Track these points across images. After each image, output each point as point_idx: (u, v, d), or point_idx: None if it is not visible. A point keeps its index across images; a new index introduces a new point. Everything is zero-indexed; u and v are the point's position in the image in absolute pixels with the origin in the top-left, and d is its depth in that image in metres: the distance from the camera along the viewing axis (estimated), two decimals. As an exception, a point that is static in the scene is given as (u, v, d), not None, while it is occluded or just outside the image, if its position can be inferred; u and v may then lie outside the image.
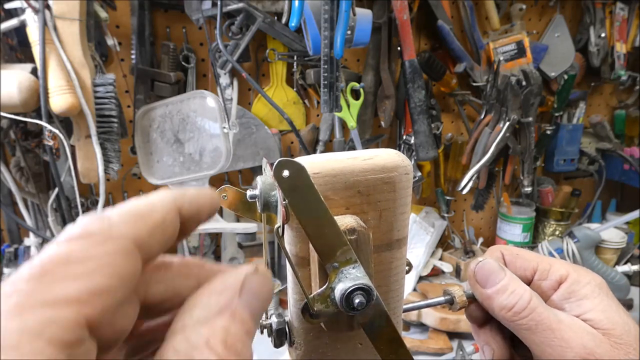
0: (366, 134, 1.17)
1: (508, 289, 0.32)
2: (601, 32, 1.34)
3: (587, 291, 0.31)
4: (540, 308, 0.31)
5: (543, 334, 0.30)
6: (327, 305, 0.26)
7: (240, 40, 0.97)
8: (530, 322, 0.30)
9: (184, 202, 0.19)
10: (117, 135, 0.89)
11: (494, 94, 1.16)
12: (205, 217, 0.21)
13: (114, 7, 0.96)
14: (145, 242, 0.17)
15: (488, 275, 0.33)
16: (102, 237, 0.16)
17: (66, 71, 0.79)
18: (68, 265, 0.15)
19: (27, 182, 0.95)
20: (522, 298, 0.31)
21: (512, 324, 0.31)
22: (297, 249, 0.28)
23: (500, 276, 0.32)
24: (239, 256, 1.16)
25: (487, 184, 1.27)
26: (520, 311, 0.30)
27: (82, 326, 0.14)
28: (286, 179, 0.24)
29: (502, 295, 0.32)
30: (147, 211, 0.18)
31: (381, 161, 0.28)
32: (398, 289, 0.31)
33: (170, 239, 0.19)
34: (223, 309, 0.18)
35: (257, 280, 0.19)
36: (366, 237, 0.26)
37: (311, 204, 0.25)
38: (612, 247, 1.24)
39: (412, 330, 1.06)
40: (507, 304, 0.31)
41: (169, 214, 0.19)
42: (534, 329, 0.30)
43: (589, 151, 1.46)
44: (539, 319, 0.30)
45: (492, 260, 0.34)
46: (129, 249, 0.16)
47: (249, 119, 1.09)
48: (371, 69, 1.14)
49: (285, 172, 0.24)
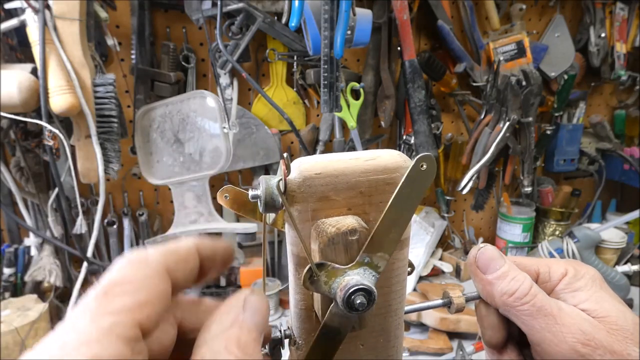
0: (366, 134, 1.17)
1: (509, 275, 0.32)
2: (601, 32, 1.34)
3: (581, 283, 0.32)
4: (541, 295, 0.31)
5: (544, 319, 0.30)
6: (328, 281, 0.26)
7: (240, 40, 0.97)
8: (531, 308, 0.31)
9: (203, 245, 0.26)
10: (117, 135, 0.89)
11: (494, 94, 1.16)
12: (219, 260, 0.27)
13: (114, 7, 0.96)
14: (173, 269, 0.23)
15: (489, 262, 0.33)
16: (143, 264, 0.22)
17: (66, 71, 0.79)
18: (121, 286, 0.21)
19: (27, 182, 0.95)
20: (524, 284, 0.32)
21: (513, 309, 0.31)
22: (298, 249, 0.28)
23: (501, 262, 0.33)
24: (239, 256, 1.16)
25: (487, 184, 1.27)
26: (522, 296, 0.31)
27: (137, 327, 0.20)
28: (419, 171, 0.27)
29: (503, 281, 0.32)
30: (174, 248, 0.24)
31: (383, 162, 0.28)
32: (400, 290, 0.31)
33: (192, 273, 0.25)
34: (233, 323, 0.23)
35: (255, 298, 0.25)
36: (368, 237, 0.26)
37: (412, 198, 0.27)
38: (612, 247, 1.24)
39: (412, 330, 1.06)
40: (509, 289, 0.32)
41: (190, 251, 0.25)
42: (535, 314, 0.30)
43: (589, 151, 1.46)
44: (540, 305, 0.31)
45: (493, 247, 0.34)
46: (161, 273, 0.22)
47: (249, 119, 1.09)
48: (371, 69, 1.14)
49: (424, 166, 0.27)
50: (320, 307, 0.28)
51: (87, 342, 0.18)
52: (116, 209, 1.10)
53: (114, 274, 0.21)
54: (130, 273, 0.22)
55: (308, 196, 0.26)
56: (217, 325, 0.23)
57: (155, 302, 0.21)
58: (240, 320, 0.23)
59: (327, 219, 0.27)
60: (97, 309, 0.20)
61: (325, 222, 0.27)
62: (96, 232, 0.92)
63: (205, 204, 1.01)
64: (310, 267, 0.26)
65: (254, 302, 0.25)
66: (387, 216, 0.27)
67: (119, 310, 0.20)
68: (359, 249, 0.26)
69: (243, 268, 1.13)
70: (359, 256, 0.26)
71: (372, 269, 0.27)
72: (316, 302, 0.29)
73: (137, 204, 1.12)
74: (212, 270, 0.26)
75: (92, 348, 0.18)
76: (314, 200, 0.27)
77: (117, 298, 0.20)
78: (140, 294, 0.21)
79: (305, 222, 0.27)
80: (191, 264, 0.25)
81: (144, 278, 0.21)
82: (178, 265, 0.24)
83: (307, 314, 0.30)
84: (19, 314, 0.86)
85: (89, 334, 0.19)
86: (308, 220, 0.27)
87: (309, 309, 0.30)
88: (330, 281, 0.26)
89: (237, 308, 0.24)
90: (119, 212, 1.09)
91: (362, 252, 0.26)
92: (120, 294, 0.20)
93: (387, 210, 0.27)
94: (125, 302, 0.20)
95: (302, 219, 0.27)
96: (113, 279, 0.21)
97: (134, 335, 0.20)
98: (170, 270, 0.23)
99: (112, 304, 0.20)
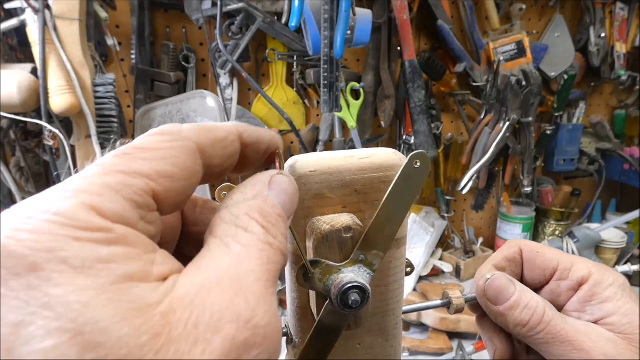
0: (366, 134, 1.17)
1: (520, 304, 0.31)
2: (601, 32, 1.34)
3: (609, 293, 0.30)
4: (556, 320, 0.30)
5: (561, 346, 0.29)
6: (322, 277, 0.26)
7: (240, 40, 0.97)
8: (547, 336, 0.29)
9: (245, 130, 0.23)
10: (117, 135, 0.89)
11: (494, 94, 1.16)
12: (263, 148, 0.24)
13: (114, 7, 0.96)
14: (207, 150, 0.20)
15: (499, 292, 0.32)
16: (173, 136, 0.20)
17: (66, 71, 0.80)
18: (144, 151, 0.19)
19: (27, 182, 0.95)
20: (536, 312, 0.30)
21: (529, 339, 0.30)
22: (293, 247, 0.28)
23: (511, 291, 0.32)
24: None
25: (487, 184, 1.27)
26: (535, 326, 0.30)
27: (149, 195, 0.18)
28: (413, 169, 0.27)
29: (516, 311, 0.31)
30: (212, 127, 0.21)
31: (378, 160, 0.28)
32: (397, 289, 0.31)
33: (230, 158, 0.22)
34: (257, 195, 0.21)
35: (283, 179, 0.22)
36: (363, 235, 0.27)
37: (406, 196, 0.27)
38: (612, 247, 1.24)
39: (412, 330, 1.06)
40: (522, 320, 0.30)
41: (230, 134, 0.22)
42: (552, 342, 0.29)
43: (589, 151, 1.46)
44: (555, 332, 0.29)
45: (501, 275, 0.33)
46: (192, 149, 0.20)
47: (249, 119, 1.09)
48: (371, 69, 1.14)
49: (418, 163, 0.27)
50: (315, 304, 0.28)
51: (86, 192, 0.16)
52: (116, 209, 1.10)
53: (140, 140, 0.20)
54: (157, 141, 0.19)
55: (303, 194, 0.26)
56: (239, 194, 0.21)
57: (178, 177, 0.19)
58: (265, 194, 0.21)
59: (322, 216, 0.27)
60: (111, 166, 0.18)
61: (320, 219, 0.27)
62: (96, 232, 0.92)
63: (205, 204, 1.01)
64: (303, 264, 0.26)
65: (282, 182, 0.22)
66: (380, 214, 0.27)
67: (134, 172, 0.18)
68: (354, 246, 0.26)
69: (243, 268, 1.13)
70: (354, 254, 0.27)
71: (366, 267, 0.27)
72: (312, 299, 0.29)
73: (137, 203, 1.12)
74: (255, 160, 0.24)
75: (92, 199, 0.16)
76: (308, 198, 0.27)
77: (135, 161, 0.18)
78: (161, 163, 0.18)
79: (299, 219, 0.27)
80: (230, 149, 0.22)
81: (170, 149, 0.19)
82: (215, 147, 0.21)
83: (303, 312, 0.30)
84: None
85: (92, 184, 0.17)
86: (303, 218, 0.27)
87: (305, 306, 0.30)
88: (324, 279, 0.26)
89: (263, 183, 0.22)
90: (119, 212, 1.09)
91: (357, 250, 0.26)
92: (140, 159, 0.18)
93: (381, 207, 0.27)
94: (143, 166, 0.18)
95: (296, 216, 0.27)
96: (137, 144, 0.19)
97: (144, 202, 0.18)
98: (204, 150, 0.20)
99: (128, 165, 0.18)
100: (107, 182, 0.17)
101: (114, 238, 0.16)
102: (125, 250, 0.16)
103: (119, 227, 0.16)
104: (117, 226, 0.16)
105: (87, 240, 0.15)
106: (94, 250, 0.15)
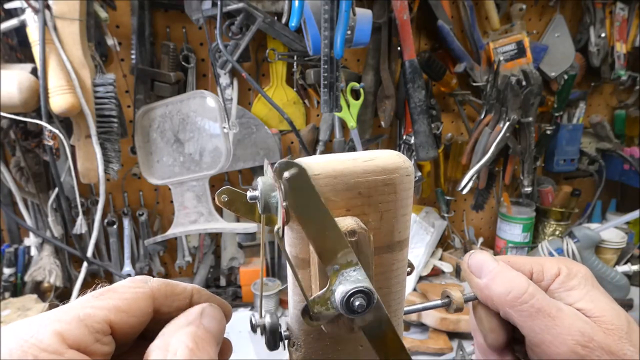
0: (366, 134, 1.17)
1: (503, 274, 0.32)
2: (601, 32, 1.34)
3: (575, 282, 0.32)
4: (540, 295, 0.31)
5: (543, 321, 0.30)
6: (327, 307, 0.26)
7: (240, 40, 0.96)
8: (530, 309, 0.30)
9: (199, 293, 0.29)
10: (117, 135, 0.89)
11: (494, 94, 1.16)
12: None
13: (114, 7, 0.96)
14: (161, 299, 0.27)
15: (481, 265, 0.34)
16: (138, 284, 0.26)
17: (66, 71, 0.79)
18: (113, 292, 0.25)
19: (27, 182, 0.95)
20: (519, 283, 0.31)
21: (512, 310, 0.31)
22: (297, 250, 0.28)
23: (493, 264, 0.33)
24: (239, 256, 1.16)
25: (487, 184, 1.27)
26: (519, 296, 0.31)
27: (107, 323, 0.23)
28: (287, 180, 0.24)
29: (498, 281, 0.32)
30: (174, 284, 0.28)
31: (382, 162, 0.27)
32: (399, 291, 0.31)
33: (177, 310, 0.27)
34: (190, 323, 0.25)
35: (213, 309, 0.27)
36: (367, 239, 0.26)
37: (312, 205, 0.25)
38: (612, 247, 1.24)
39: (412, 330, 1.06)
40: (504, 289, 0.32)
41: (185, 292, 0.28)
42: (535, 315, 0.30)
43: (589, 151, 1.46)
44: (539, 306, 0.30)
45: (482, 251, 0.35)
46: (147, 296, 0.26)
47: (249, 119, 1.09)
48: (371, 69, 1.14)
49: (286, 174, 0.24)
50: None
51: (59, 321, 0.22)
52: (116, 209, 1.10)
53: (115, 284, 0.26)
54: (126, 285, 0.26)
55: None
56: (173, 325, 0.25)
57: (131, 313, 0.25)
58: (197, 322, 0.25)
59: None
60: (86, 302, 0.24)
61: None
62: (96, 232, 0.92)
63: (205, 204, 1.01)
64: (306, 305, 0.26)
65: (211, 312, 0.27)
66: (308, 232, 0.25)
67: (99, 306, 0.24)
68: (358, 250, 0.26)
69: (243, 268, 1.13)
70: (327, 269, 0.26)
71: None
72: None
73: (137, 204, 1.12)
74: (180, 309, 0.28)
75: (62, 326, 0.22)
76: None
77: (105, 299, 0.24)
78: (121, 302, 0.24)
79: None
80: (177, 303, 0.27)
81: (132, 292, 0.25)
82: (167, 298, 0.27)
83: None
84: (19, 314, 0.86)
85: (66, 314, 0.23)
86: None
87: (307, 310, 0.30)
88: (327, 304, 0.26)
89: (195, 314, 0.26)
90: (119, 212, 1.10)
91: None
92: (108, 297, 0.25)
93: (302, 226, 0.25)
94: (106, 302, 0.24)
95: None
96: (111, 287, 0.26)
97: (101, 328, 0.23)
98: (156, 298, 0.26)
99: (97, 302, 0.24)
100: (78, 313, 0.23)
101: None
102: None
103: (71, 352, 0.21)
104: (70, 351, 0.21)
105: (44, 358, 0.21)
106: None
